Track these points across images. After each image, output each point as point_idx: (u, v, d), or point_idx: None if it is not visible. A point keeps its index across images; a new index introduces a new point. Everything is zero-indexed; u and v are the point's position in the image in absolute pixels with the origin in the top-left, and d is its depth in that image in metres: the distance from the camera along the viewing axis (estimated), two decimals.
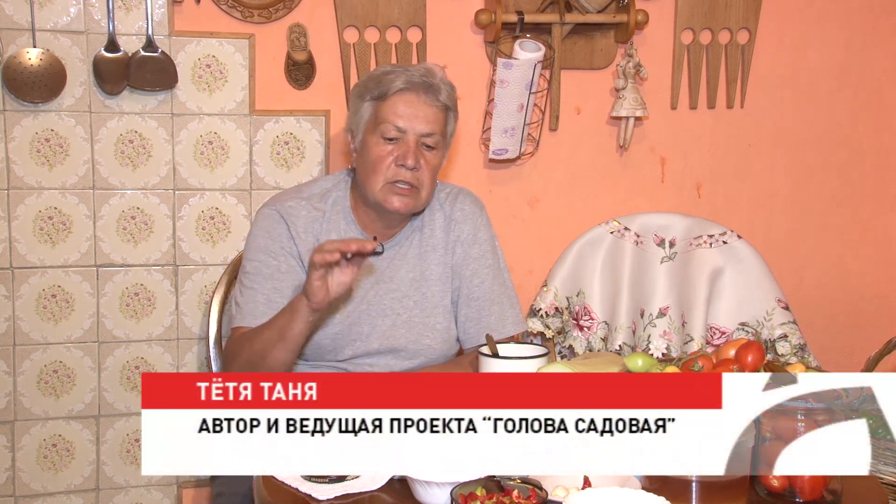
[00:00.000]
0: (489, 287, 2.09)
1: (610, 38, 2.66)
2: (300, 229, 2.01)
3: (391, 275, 2.05)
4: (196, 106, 2.42)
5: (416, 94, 1.97)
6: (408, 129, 1.96)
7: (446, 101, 2.01)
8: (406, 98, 1.97)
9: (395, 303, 2.04)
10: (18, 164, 2.34)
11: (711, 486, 1.47)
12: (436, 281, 2.07)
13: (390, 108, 1.97)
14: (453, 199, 2.12)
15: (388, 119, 1.96)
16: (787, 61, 2.82)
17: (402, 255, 2.07)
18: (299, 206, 2.04)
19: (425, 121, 1.97)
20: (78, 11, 2.32)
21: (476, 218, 2.12)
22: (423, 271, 2.06)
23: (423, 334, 2.04)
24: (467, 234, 2.10)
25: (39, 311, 2.39)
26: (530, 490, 1.40)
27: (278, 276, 1.98)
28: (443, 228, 2.09)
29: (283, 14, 2.45)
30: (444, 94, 2.00)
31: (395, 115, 1.96)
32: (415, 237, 2.08)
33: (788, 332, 2.56)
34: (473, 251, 2.10)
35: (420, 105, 1.97)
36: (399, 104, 1.97)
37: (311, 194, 2.07)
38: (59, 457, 2.44)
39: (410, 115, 1.96)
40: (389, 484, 1.53)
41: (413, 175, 1.96)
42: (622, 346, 2.57)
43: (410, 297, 2.05)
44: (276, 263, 1.99)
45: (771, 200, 2.86)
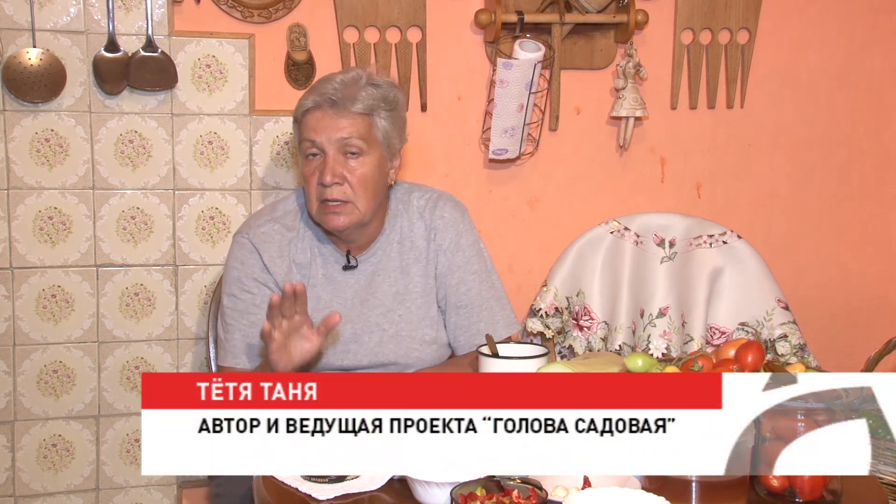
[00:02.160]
0: (477, 293, 2.07)
1: (610, 38, 2.66)
2: (274, 255, 2.00)
3: (373, 291, 2.02)
4: (196, 106, 2.42)
5: (323, 111, 1.94)
6: (322, 142, 1.93)
7: (363, 109, 1.94)
8: (315, 115, 1.94)
9: (381, 318, 2.02)
10: (18, 164, 2.34)
11: (711, 486, 1.47)
12: (419, 293, 2.04)
13: (305, 126, 1.96)
14: (433, 207, 2.08)
15: (305, 136, 1.96)
16: (787, 61, 2.82)
17: (383, 270, 2.04)
18: (272, 231, 2.02)
19: (335, 129, 1.93)
20: (78, 11, 2.32)
21: (457, 224, 2.08)
22: (406, 284, 2.04)
23: (412, 347, 2.03)
24: (449, 243, 2.06)
25: (39, 311, 2.39)
26: (530, 490, 1.40)
27: (253, 310, 1.98)
28: (423, 238, 2.06)
29: (283, 14, 2.45)
30: (362, 101, 1.94)
31: (308, 129, 1.95)
32: (394, 250, 2.05)
33: (788, 332, 2.56)
34: (457, 259, 2.06)
35: (330, 118, 1.93)
36: (311, 120, 1.95)
37: (286, 212, 2.06)
38: (59, 457, 2.44)
39: (320, 128, 1.93)
40: (389, 484, 1.53)
41: (339, 190, 1.93)
42: (622, 346, 2.57)
43: (395, 311, 2.02)
44: (251, 297, 1.99)
45: (771, 200, 2.86)
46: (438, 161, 2.62)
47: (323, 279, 2.02)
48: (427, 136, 2.59)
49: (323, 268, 2.02)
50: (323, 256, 2.03)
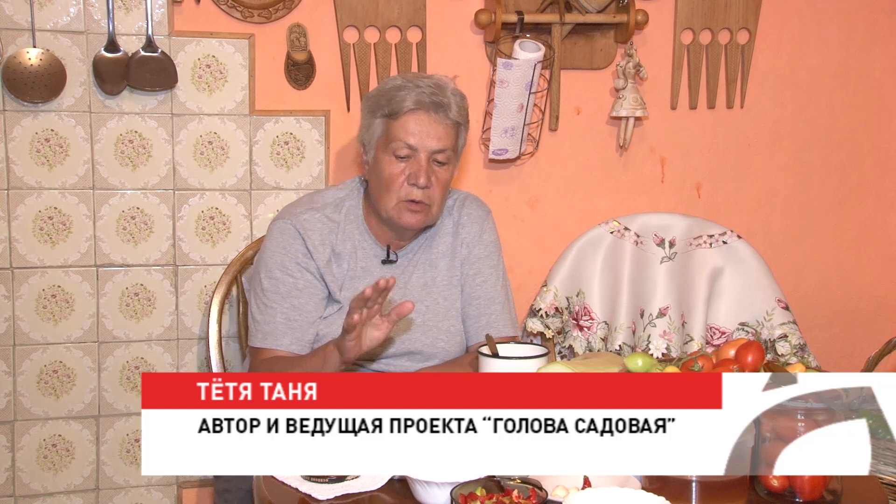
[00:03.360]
0: (491, 286, 2.12)
1: (610, 38, 2.66)
2: (316, 242, 2.03)
3: (404, 282, 2.07)
4: (196, 106, 2.42)
5: (427, 113, 1.97)
6: (419, 148, 1.97)
7: (456, 118, 2.01)
8: (417, 117, 1.97)
9: None
10: (18, 164, 2.34)
11: (711, 487, 1.47)
12: (446, 285, 2.10)
13: (401, 126, 1.97)
14: (461, 205, 2.16)
15: (400, 137, 1.97)
16: (787, 61, 2.82)
17: (413, 262, 2.10)
18: (314, 219, 2.05)
19: (436, 138, 1.98)
20: (78, 11, 2.32)
21: (482, 221, 2.16)
22: (433, 277, 2.09)
23: (438, 337, 2.07)
24: (473, 236, 2.13)
25: (39, 311, 2.39)
26: (530, 490, 1.40)
27: (296, 294, 2.00)
28: (451, 234, 2.13)
29: (283, 14, 2.45)
30: (455, 109, 2.00)
31: (407, 133, 1.97)
32: (425, 244, 2.11)
33: (788, 332, 2.56)
34: (477, 250, 2.13)
35: (430, 124, 1.97)
36: (410, 123, 1.97)
37: (325, 203, 2.08)
38: (58, 457, 2.44)
39: (422, 133, 1.97)
40: (389, 484, 1.54)
41: (424, 193, 1.99)
42: (622, 346, 2.57)
43: (423, 301, 2.06)
44: (293, 281, 2.00)
45: (771, 200, 2.86)
46: None
47: (361, 271, 2.05)
48: None
49: (363, 260, 2.06)
50: (363, 249, 2.07)
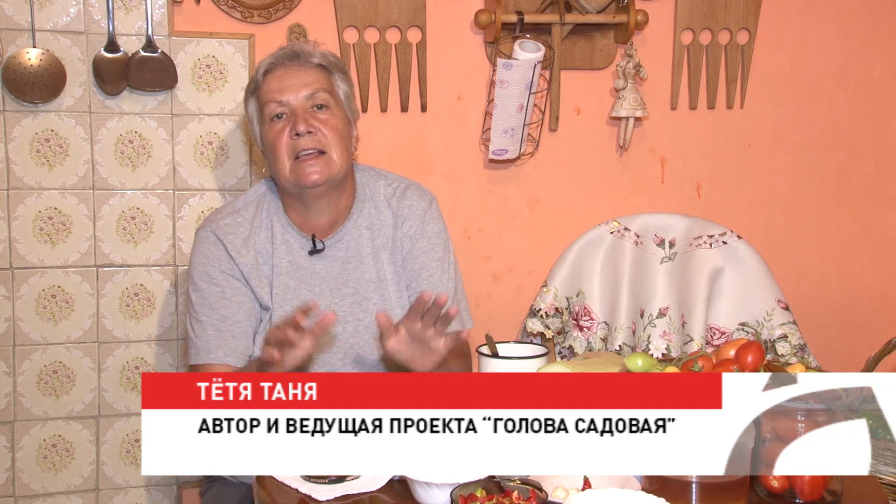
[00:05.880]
0: (438, 279, 2.03)
1: (610, 39, 2.66)
2: (238, 246, 1.96)
3: (345, 279, 1.99)
4: (196, 106, 2.42)
5: (285, 68, 1.96)
6: (288, 99, 1.94)
7: (321, 61, 1.98)
8: (276, 74, 1.96)
9: (355, 307, 1.98)
10: (18, 165, 2.34)
11: (711, 487, 1.47)
12: (391, 281, 2.02)
13: (266, 90, 1.96)
14: (400, 196, 2.06)
15: (268, 99, 1.95)
16: (787, 61, 2.82)
17: (355, 257, 2.01)
18: (235, 223, 1.99)
19: (301, 84, 1.94)
20: (78, 12, 2.32)
21: (423, 213, 2.05)
22: (378, 272, 2.01)
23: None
24: (415, 230, 2.04)
25: (39, 312, 2.39)
26: (530, 491, 1.40)
27: (224, 304, 1.93)
28: (391, 226, 2.04)
29: (283, 14, 2.45)
30: (318, 56, 1.98)
31: (271, 91, 1.95)
32: (364, 236, 2.02)
33: (788, 332, 2.56)
34: (420, 244, 2.03)
35: (291, 73, 1.95)
36: (272, 82, 1.95)
37: (247, 203, 2.03)
38: (58, 457, 2.44)
39: (284, 86, 1.94)
40: (389, 484, 1.54)
41: (313, 139, 1.92)
42: (622, 346, 2.57)
43: (370, 299, 1.99)
44: (219, 290, 1.94)
45: (771, 200, 2.86)
46: (438, 161, 2.62)
47: (288, 266, 1.98)
48: (427, 136, 2.59)
49: (288, 254, 1.98)
50: (287, 243, 1.99)
